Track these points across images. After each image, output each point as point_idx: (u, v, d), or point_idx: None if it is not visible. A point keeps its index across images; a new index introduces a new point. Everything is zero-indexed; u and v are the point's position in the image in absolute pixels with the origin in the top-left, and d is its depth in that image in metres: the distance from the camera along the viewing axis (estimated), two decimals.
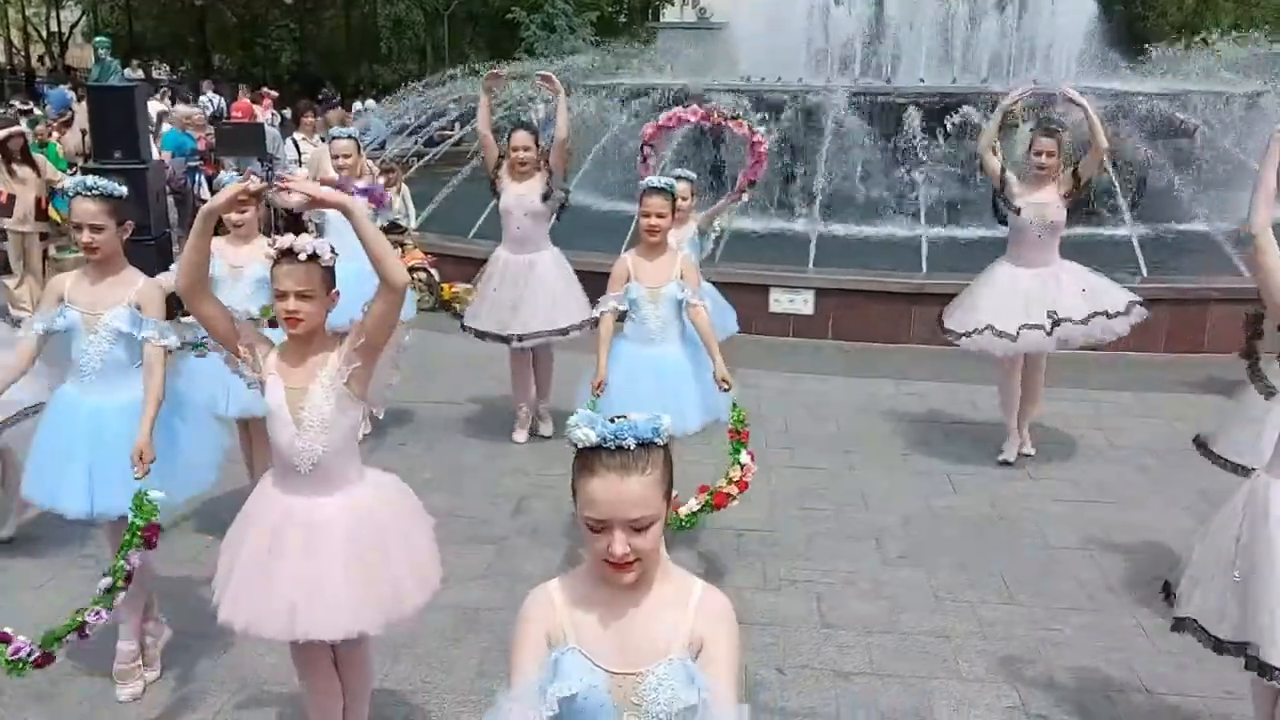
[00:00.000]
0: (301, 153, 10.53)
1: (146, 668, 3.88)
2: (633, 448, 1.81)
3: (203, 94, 19.98)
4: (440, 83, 16.03)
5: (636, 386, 4.62)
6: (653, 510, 1.83)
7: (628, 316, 4.89)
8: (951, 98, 11.25)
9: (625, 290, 4.79)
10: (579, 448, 1.84)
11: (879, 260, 9.51)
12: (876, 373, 7.93)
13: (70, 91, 18.26)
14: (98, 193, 3.56)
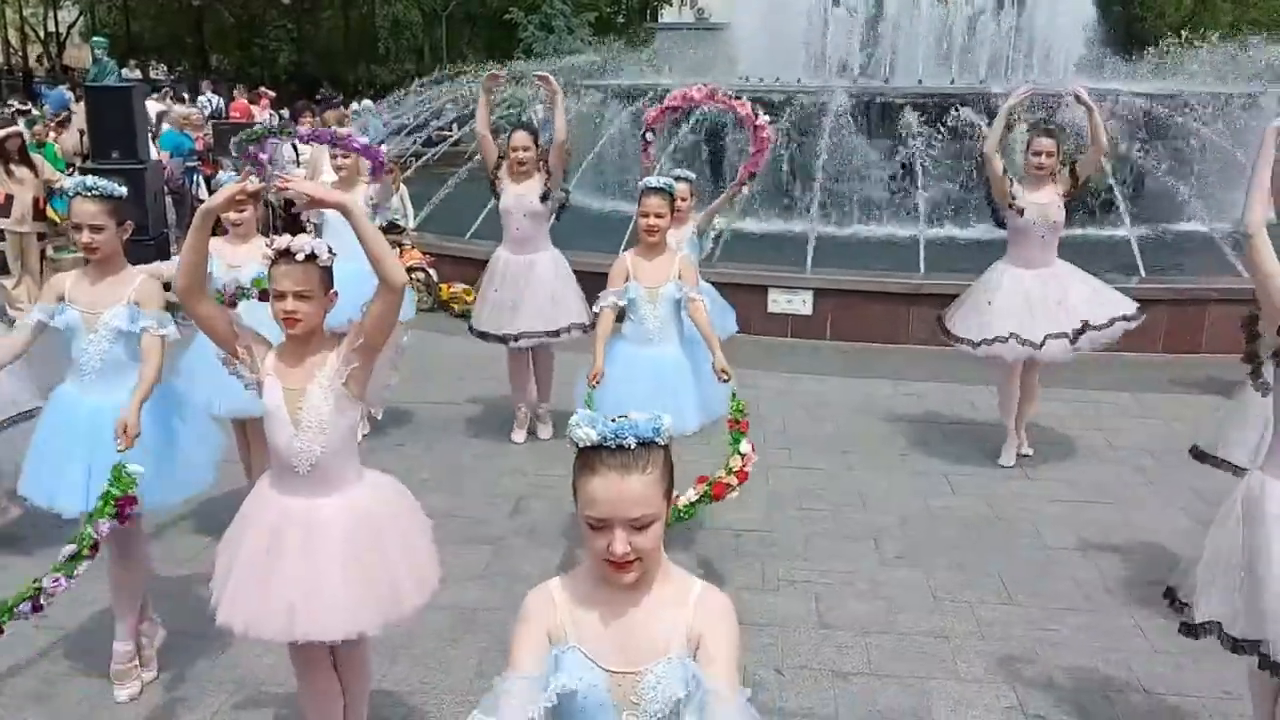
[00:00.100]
0: (299, 153, 10.51)
1: (143, 668, 3.88)
2: (633, 447, 1.83)
3: (201, 94, 19.97)
4: (439, 82, 16.02)
5: (635, 387, 4.62)
6: (653, 509, 1.84)
7: (626, 317, 4.89)
8: (949, 98, 11.27)
9: (624, 289, 4.79)
10: (580, 447, 1.85)
11: (877, 261, 9.52)
12: (874, 373, 7.93)
13: (69, 92, 18.24)
14: (98, 193, 3.56)
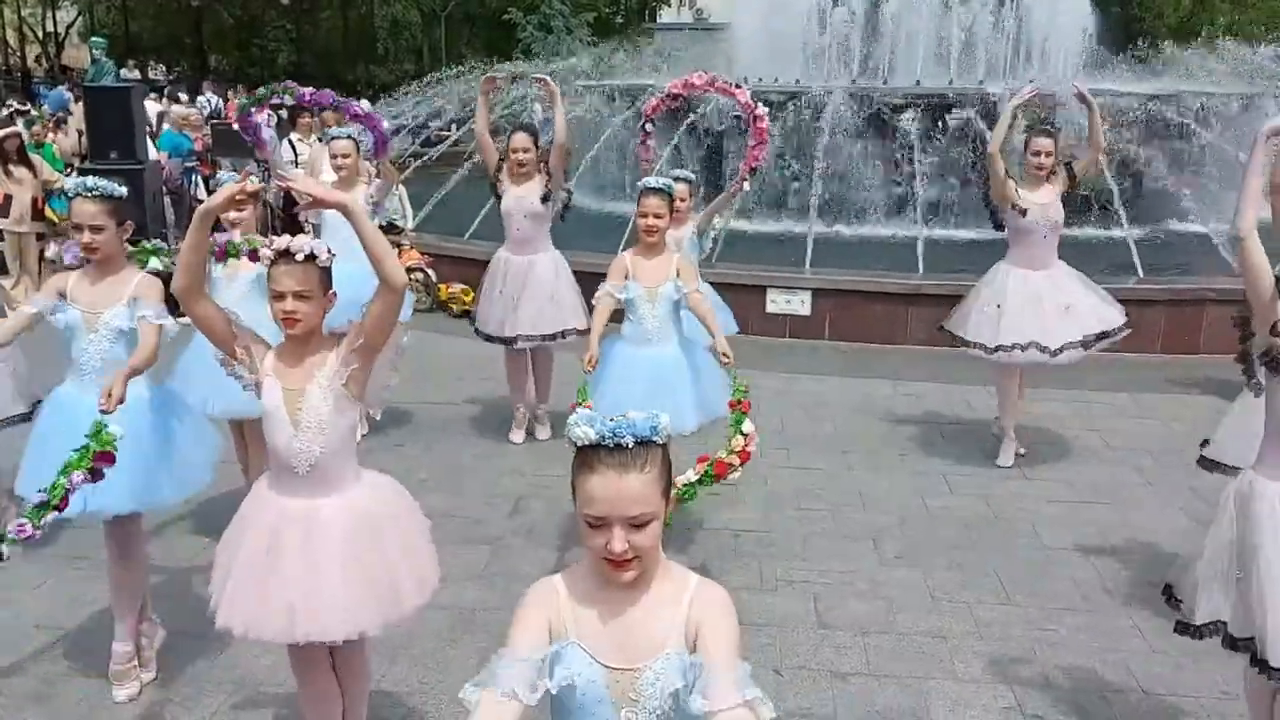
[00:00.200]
0: (298, 153, 10.50)
1: (142, 669, 3.88)
2: (631, 445, 1.83)
3: (201, 94, 19.95)
4: (438, 81, 15.99)
5: (633, 386, 4.62)
6: (651, 507, 1.84)
7: (625, 317, 4.90)
8: (948, 99, 11.28)
9: (624, 286, 4.79)
10: (578, 446, 1.86)
11: (876, 261, 9.52)
12: (873, 373, 7.94)
13: (68, 92, 18.24)
14: (98, 194, 3.56)
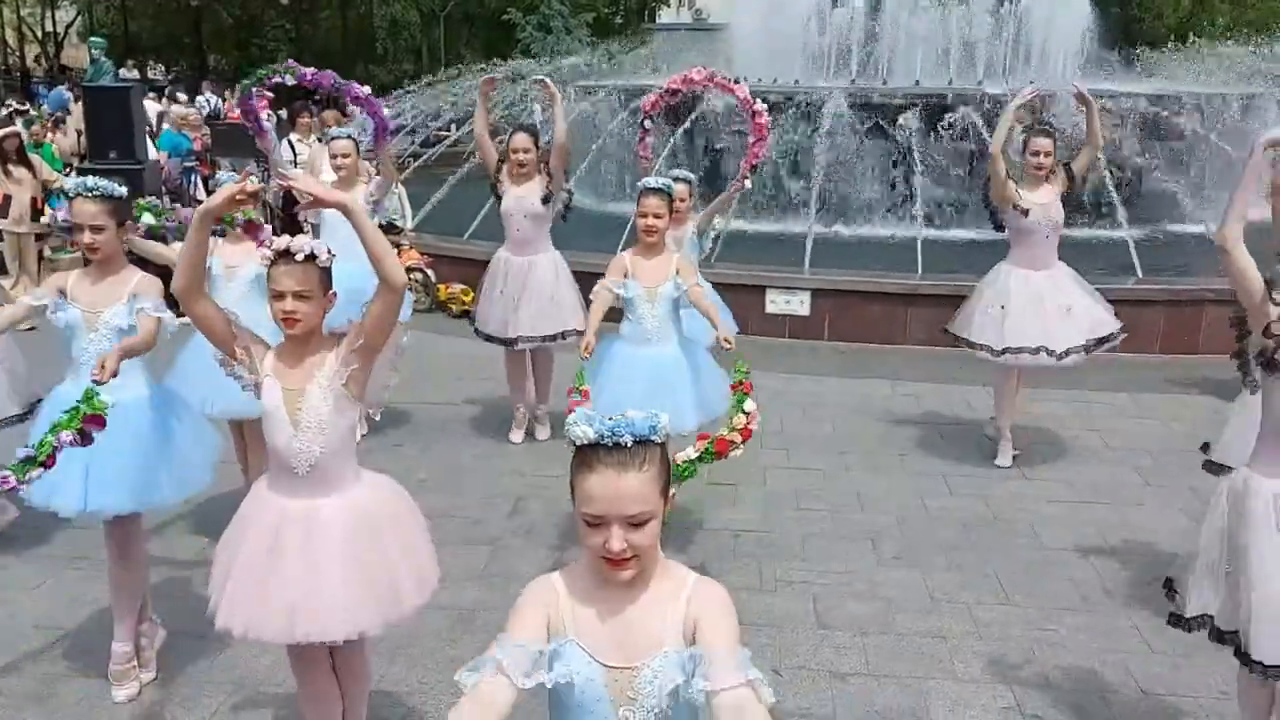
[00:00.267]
0: (297, 153, 10.50)
1: (142, 669, 3.87)
2: (630, 444, 1.84)
3: (200, 94, 19.93)
4: (439, 81, 16.00)
5: (632, 386, 4.62)
6: (650, 506, 1.85)
7: (624, 316, 4.90)
8: (947, 99, 11.28)
9: (623, 284, 4.79)
10: (577, 445, 1.86)
11: (875, 261, 9.52)
12: (872, 373, 7.94)
13: (68, 92, 18.22)
14: (98, 194, 3.57)
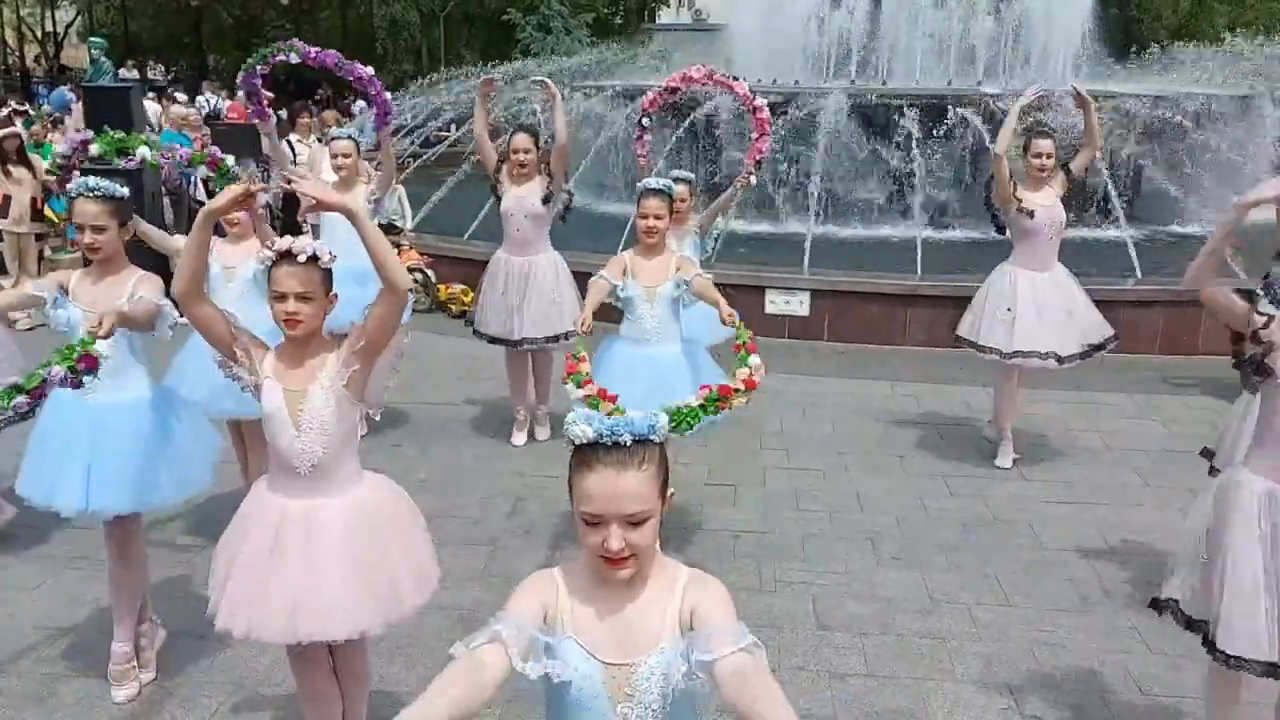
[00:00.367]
0: (296, 154, 10.49)
1: (142, 669, 3.88)
2: (629, 444, 1.84)
3: (200, 94, 19.92)
4: (439, 82, 16.00)
5: (632, 386, 4.61)
6: (648, 506, 1.85)
7: (624, 316, 4.90)
8: (947, 100, 11.29)
9: (623, 284, 4.79)
10: (576, 444, 1.87)
11: (874, 262, 9.52)
12: (871, 374, 7.94)
13: (71, 93, 18.22)
14: (100, 194, 3.57)
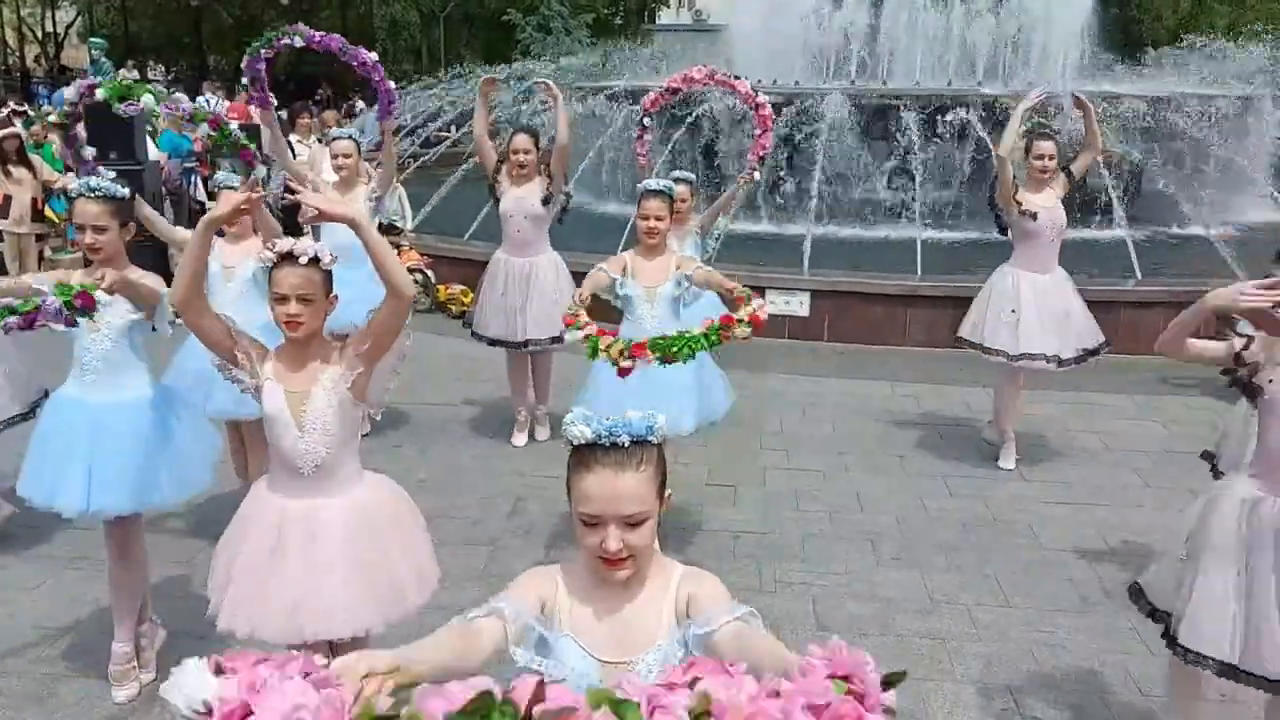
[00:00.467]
0: (296, 155, 10.50)
1: (142, 669, 3.88)
2: (627, 444, 1.85)
3: (200, 94, 19.92)
4: (438, 82, 16.02)
5: (631, 386, 4.62)
6: (646, 507, 1.86)
7: (624, 317, 4.90)
8: (946, 100, 11.29)
9: (621, 280, 4.79)
10: (574, 445, 1.87)
11: (874, 262, 9.52)
12: (871, 374, 7.94)
13: None
14: (101, 194, 3.57)
